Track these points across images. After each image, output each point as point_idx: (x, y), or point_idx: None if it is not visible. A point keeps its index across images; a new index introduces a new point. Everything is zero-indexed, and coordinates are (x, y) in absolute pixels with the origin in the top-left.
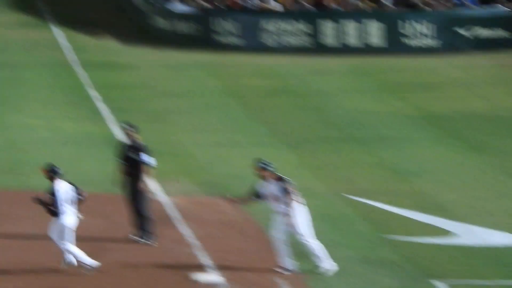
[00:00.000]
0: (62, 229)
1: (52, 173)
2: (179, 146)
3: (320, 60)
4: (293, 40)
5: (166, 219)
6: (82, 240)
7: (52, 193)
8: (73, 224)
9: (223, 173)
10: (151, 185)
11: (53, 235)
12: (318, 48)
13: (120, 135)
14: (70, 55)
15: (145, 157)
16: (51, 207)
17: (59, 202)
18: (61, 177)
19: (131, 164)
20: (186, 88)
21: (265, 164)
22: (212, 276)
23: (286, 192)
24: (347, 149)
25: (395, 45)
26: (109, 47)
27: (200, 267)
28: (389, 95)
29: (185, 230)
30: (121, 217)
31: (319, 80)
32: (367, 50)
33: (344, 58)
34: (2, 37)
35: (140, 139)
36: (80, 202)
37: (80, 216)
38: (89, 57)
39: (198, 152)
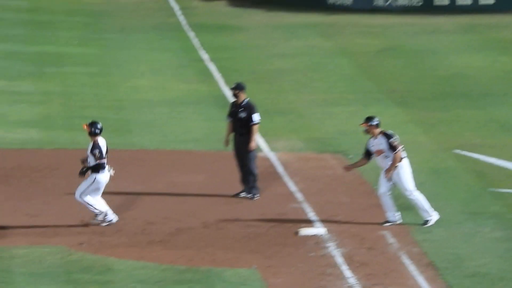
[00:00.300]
0: (97, 185)
1: (94, 129)
2: (288, 104)
3: (430, 19)
4: (404, 0)
5: (274, 175)
6: (189, 196)
7: (98, 149)
8: (107, 181)
9: (331, 130)
10: (259, 142)
11: (80, 191)
12: (428, 8)
13: (229, 95)
14: (181, 19)
15: (253, 116)
16: (97, 163)
17: (103, 158)
18: (101, 133)
19: (240, 123)
20: (296, 49)
21: (371, 119)
22: (317, 229)
23: (391, 146)
24: (454, 104)
25: (505, 2)
26: (219, 10)
27: (306, 221)
28: (497, 52)
29: (292, 186)
30: (227, 174)
31: (428, 38)
32: (477, 8)
33: (454, 16)
34: (115, 1)
35: (248, 98)
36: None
37: (113, 172)
38: (200, 20)
39: (307, 110)
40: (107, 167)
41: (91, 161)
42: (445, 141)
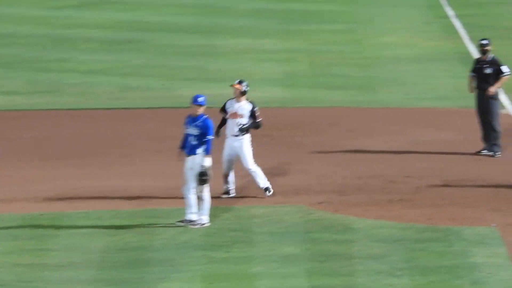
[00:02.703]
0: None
1: (246, 87)
2: None
3: None
4: None
5: None
6: (432, 154)
7: (258, 107)
8: None
9: None
10: (503, 99)
11: (251, 159)
12: None
13: (474, 51)
14: None
15: (502, 67)
16: (258, 122)
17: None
18: None
19: (484, 78)
20: None
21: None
22: None
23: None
24: None
25: None
26: None
27: None
28: None
29: None
30: (471, 131)
31: None
32: None
33: None
34: None
35: (493, 53)
36: None
37: None
38: None
39: None
40: None
41: (244, 122)
42: None
